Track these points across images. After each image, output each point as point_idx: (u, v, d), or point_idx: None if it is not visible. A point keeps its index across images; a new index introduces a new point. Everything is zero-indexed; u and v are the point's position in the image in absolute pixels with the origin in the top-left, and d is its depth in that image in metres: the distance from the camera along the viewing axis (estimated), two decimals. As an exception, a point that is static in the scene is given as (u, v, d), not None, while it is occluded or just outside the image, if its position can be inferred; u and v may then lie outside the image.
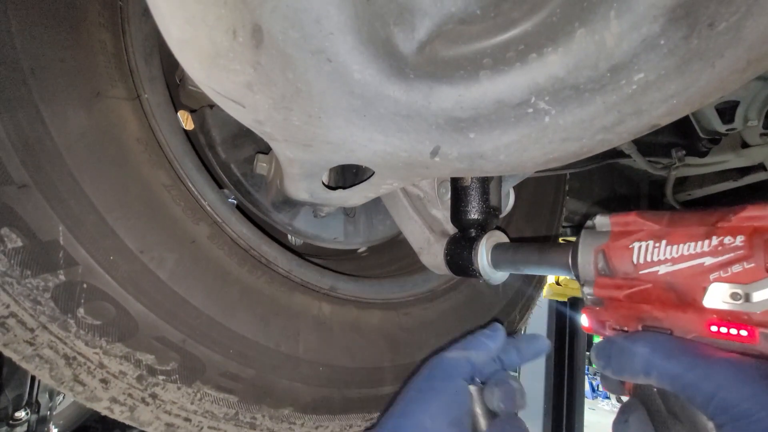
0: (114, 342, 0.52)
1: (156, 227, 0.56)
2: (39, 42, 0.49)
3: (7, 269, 0.46)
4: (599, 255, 0.47)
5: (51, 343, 0.49)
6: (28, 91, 0.48)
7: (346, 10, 0.36)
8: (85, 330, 0.51)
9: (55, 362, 0.50)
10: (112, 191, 0.53)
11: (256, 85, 0.40)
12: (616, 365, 0.42)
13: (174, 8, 0.35)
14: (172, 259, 0.57)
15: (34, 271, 0.48)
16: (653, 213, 0.45)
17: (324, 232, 0.92)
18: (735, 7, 0.33)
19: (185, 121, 0.84)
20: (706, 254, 0.39)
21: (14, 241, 0.47)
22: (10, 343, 0.48)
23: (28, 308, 0.48)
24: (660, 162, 1.14)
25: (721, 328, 0.38)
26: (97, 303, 0.51)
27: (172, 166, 0.60)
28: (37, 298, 0.48)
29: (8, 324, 0.47)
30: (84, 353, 0.51)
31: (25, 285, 0.47)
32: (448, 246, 0.72)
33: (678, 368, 0.38)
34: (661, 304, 0.42)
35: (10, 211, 0.46)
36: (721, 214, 0.40)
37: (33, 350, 0.49)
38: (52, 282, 0.49)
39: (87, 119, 0.52)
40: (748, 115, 0.91)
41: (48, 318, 0.49)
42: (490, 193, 0.70)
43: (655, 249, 0.42)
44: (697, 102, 0.39)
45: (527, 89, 0.41)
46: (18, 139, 0.47)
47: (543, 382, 3.08)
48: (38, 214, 0.48)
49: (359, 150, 0.49)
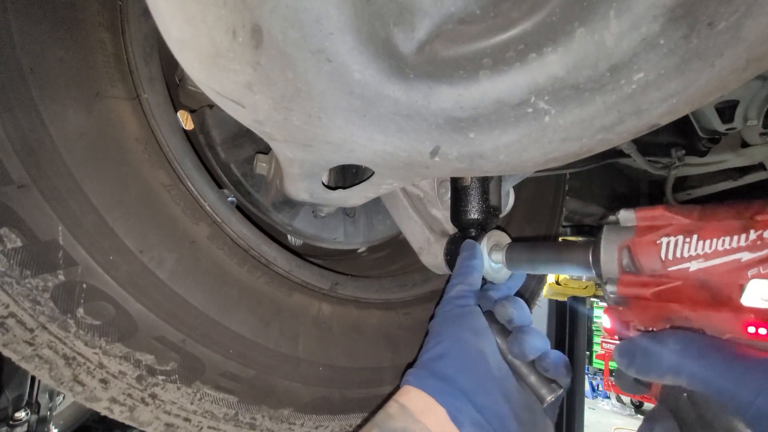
0: (114, 342, 0.52)
1: (156, 227, 0.56)
2: (38, 41, 0.49)
3: (7, 269, 0.46)
4: (624, 251, 0.44)
5: (50, 343, 0.49)
6: (27, 90, 0.48)
7: (346, 10, 0.36)
8: (84, 330, 0.51)
9: (54, 362, 0.50)
10: (112, 191, 0.53)
11: (256, 85, 0.40)
12: (642, 364, 0.39)
13: (174, 8, 0.35)
14: (172, 259, 0.57)
15: (33, 271, 0.48)
16: (682, 207, 0.43)
17: (324, 232, 0.92)
18: (734, 6, 0.33)
19: (185, 121, 0.84)
20: (743, 249, 0.36)
21: (14, 241, 0.47)
22: (10, 344, 0.48)
23: (27, 308, 0.48)
24: (660, 161, 1.14)
25: (759, 328, 0.35)
26: (96, 303, 0.51)
27: (172, 165, 0.60)
28: (36, 298, 0.48)
29: (8, 324, 0.47)
30: (83, 353, 0.51)
31: (25, 285, 0.47)
32: (448, 246, 0.72)
33: (712, 369, 0.34)
34: (691, 303, 0.39)
35: (10, 211, 0.46)
36: (759, 206, 0.37)
37: (32, 350, 0.49)
38: (52, 282, 0.49)
39: (86, 119, 0.52)
40: (747, 114, 0.91)
41: (47, 318, 0.49)
42: (490, 192, 0.70)
43: (686, 244, 0.40)
44: (696, 101, 0.39)
45: (527, 89, 0.41)
46: (18, 139, 0.47)
47: (543, 382, 3.08)
48: (38, 214, 0.48)
49: (359, 150, 0.49)
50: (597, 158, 1.06)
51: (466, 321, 0.58)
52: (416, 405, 0.50)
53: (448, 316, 0.59)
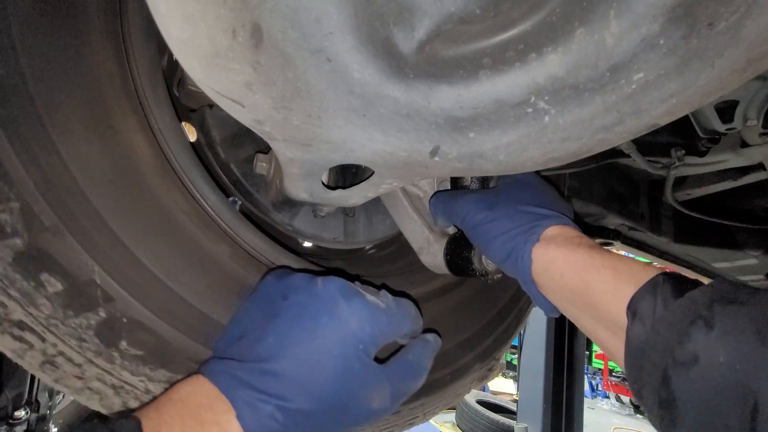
0: (157, 368, 0.54)
1: (180, 254, 0.57)
2: (51, 82, 0.49)
3: (52, 312, 0.48)
4: None
5: (99, 375, 0.52)
6: (45, 133, 0.49)
7: (346, 9, 0.36)
8: (129, 360, 0.53)
9: (104, 392, 0.52)
10: (136, 224, 0.54)
11: (256, 85, 0.40)
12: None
13: (173, 8, 0.35)
14: (202, 284, 0.58)
15: (75, 311, 0.49)
16: None
17: (324, 232, 0.92)
18: (734, 6, 0.33)
19: (189, 132, 0.84)
20: None
21: (54, 285, 0.48)
22: (61, 379, 0.50)
23: (74, 346, 0.50)
24: (659, 161, 1.13)
25: None
26: (137, 334, 0.53)
27: (188, 189, 0.61)
28: (81, 335, 0.50)
29: (57, 362, 0.50)
30: (130, 382, 0.53)
31: (69, 325, 0.49)
32: (447, 246, 0.72)
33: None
34: None
35: (48, 257, 0.48)
36: None
37: (82, 383, 0.51)
38: (94, 319, 0.51)
39: (104, 154, 0.53)
40: (747, 114, 0.90)
41: (94, 353, 0.51)
42: (489, 192, 0.70)
43: None
44: (696, 101, 0.39)
45: (527, 89, 0.41)
46: (44, 184, 0.48)
47: (543, 382, 3.08)
48: (73, 256, 0.49)
49: (359, 149, 0.49)
50: (597, 158, 1.06)
51: None
52: None
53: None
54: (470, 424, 4.46)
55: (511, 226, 0.59)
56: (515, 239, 0.58)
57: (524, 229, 0.58)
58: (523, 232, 0.58)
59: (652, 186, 1.43)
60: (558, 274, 0.54)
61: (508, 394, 5.83)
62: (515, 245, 0.58)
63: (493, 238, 0.60)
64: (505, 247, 0.58)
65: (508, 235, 0.58)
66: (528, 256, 0.56)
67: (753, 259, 1.60)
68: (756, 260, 1.60)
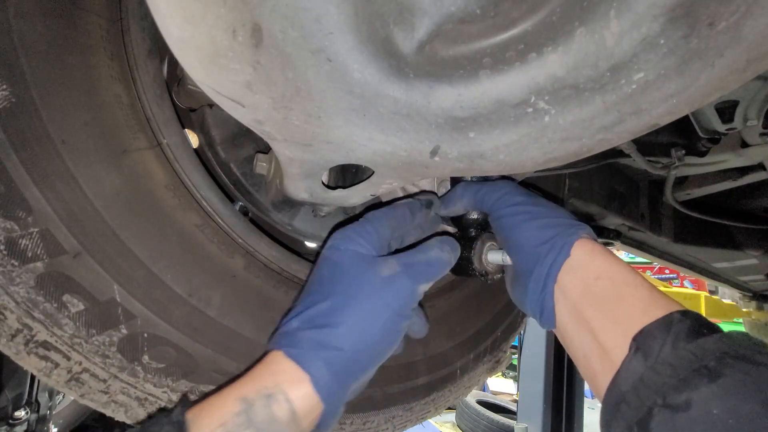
0: (179, 379, 0.57)
1: (198, 269, 0.59)
2: (62, 109, 0.50)
3: (75, 332, 0.50)
4: None
5: (123, 389, 0.54)
6: (62, 161, 0.50)
7: (346, 9, 0.36)
8: (151, 374, 0.55)
9: (129, 405, 0.55)
10: (154, 243, 0.55)
11: (256, 85, 0.40)
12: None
13: (173, 8, 0.35)
14: (218, 296, 0.60)
15: (98, 330, 0.51)
16: None
17: (324, 232, 0.92)
18: (735, 6, 0.33)
19: (191, 138, 0.84)
20: None
21: (76, 305, 0.50)
22: (87, 394, 0.53)
23: (98, 363, 0.52)
24: (660, 161, 1.13)
25: None
26: (158, 348, 0.55)
27: (200, 205, 0.62)
28: (105, 352, 0.52)
29: (83, 378, 0.52)
30: (154, 393, 0.56)
31: (93, 343, 0.51)
32: (447, 245, 0.71)
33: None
34: None
35: (68, 279, 0.50)
36: None
37: (108, 398, 0.53)
38: (116, 336, 0.52)
39: (119, 177, 0.54)
40: (747, 114, 0.90)
41: (117, 368, 0.53)
42: (489, 192, 0.70)
43: None
44: (696, 101, 0.39)
45: (527, 89, 0.41)
46: (62, 209, 0.49)
47: (543, 382, 3.07)
48: (93, 277, 0.51)
49: (359, 149, 0.49)
50: (597, 158, 1.06)
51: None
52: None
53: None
54: (470, 424, 4.45)
55: (558, 215, 0.57)
56: (559, 228, 0.55)
57: (570, 222, 0.56)
58: (569, 225, 0.55)
59: (652, 186, 1.42)
60: (594, 275, 0.51)
61: (508, 395, 5.82)
62: (558, 232, 0.54)
63: (532, 218, 0.56)
64: (545, 232, 0.55)
65: (552, 221, 0.56)
66: (569, 247, 0.53)
67: (753, 259, 1.60)
68: (756, 260, 1.60)
